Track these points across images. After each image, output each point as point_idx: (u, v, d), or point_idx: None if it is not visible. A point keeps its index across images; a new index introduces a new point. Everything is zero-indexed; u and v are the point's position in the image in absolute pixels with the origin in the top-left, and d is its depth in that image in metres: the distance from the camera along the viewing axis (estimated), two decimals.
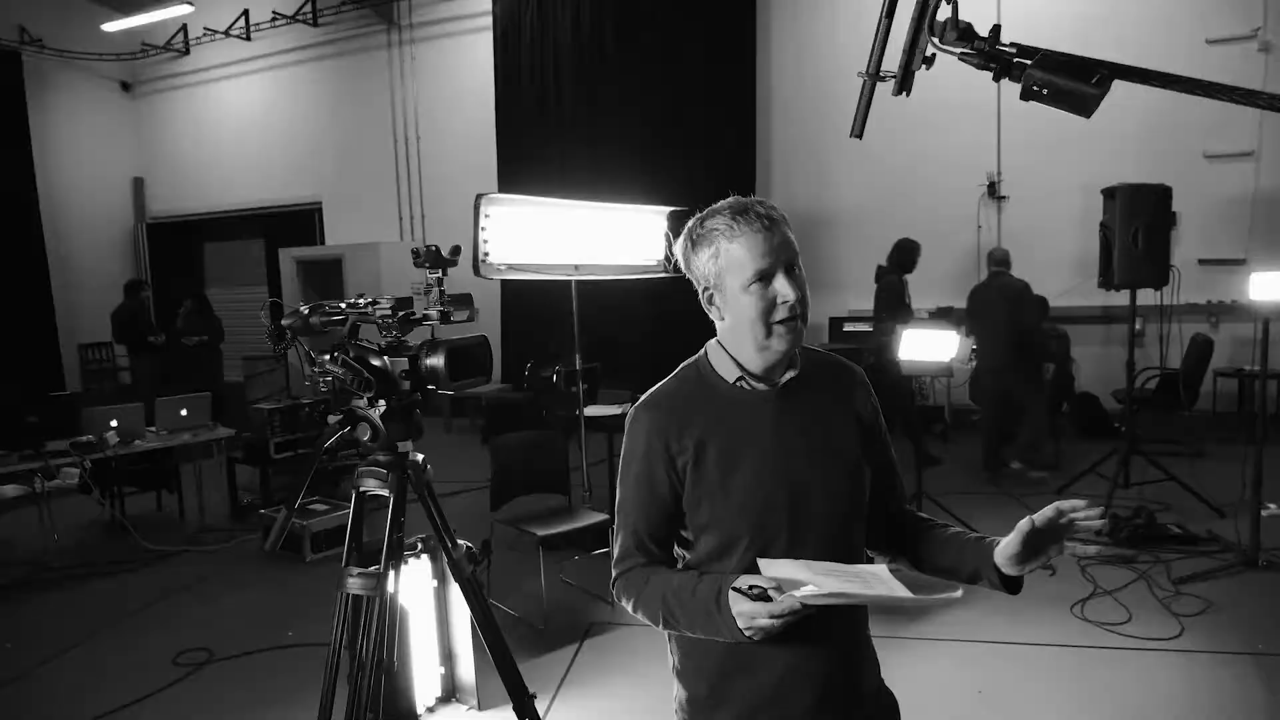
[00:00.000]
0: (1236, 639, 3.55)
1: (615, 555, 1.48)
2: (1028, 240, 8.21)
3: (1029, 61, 1.32)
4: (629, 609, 1.45)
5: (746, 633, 1.25)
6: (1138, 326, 6.06)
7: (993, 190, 8.26)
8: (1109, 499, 5.04)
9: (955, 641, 3.68)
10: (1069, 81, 1.30)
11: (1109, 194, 5.32)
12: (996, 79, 1.36)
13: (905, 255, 6.88)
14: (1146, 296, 5.50)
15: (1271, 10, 7.23)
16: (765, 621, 1.21)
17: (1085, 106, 1.31)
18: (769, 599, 1.22)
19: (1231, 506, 4.97)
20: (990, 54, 1.34)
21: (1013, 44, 1.35)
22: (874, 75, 1.45)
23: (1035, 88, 1.31)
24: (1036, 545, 1.29)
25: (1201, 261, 7.48)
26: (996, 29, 1.35)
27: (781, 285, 1.35)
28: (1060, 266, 7.86)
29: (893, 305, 6.82)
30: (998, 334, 6.05)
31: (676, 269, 1.49)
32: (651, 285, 7.24)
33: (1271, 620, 3.70)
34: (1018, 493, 5.83)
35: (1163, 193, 5.14)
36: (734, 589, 1.26)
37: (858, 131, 1.52)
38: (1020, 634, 3.71)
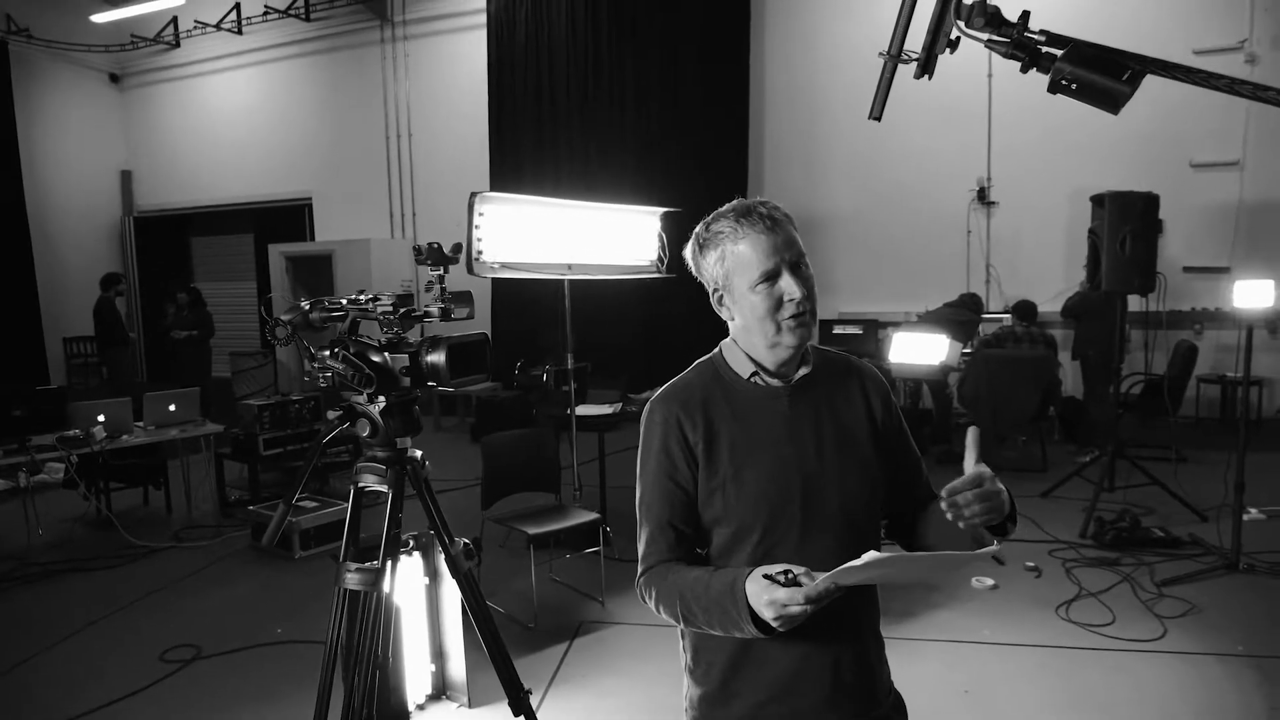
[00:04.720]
0: (1218, 640, 3.60)
1: (640, 553, 1.45)
2: (1015, 246, 8.30)
3: (1058, 52, 1.24)
4: (652, 608, 1.42)
5: (774, 622, 1.20)
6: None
7: (982, 196, 8.33)
8: (1094, 502, 5.10)
9: (942, 642, 3.71)
10: (1099, 77, 1.23)
11: (1098, 201, 5.37)
12: (1024, 70, 1.29)
13: None
14: (1133, 304, 5.52)
15: (1258, 22, 7.33)
16: (798, 609, 1.18)
17: (1115, 103, 1.24)
18: (800, 585, 1.19)
19: (1213, 511, 5.05)
20: (1018, 42, 1.27)
21: (1042, 31, 1.27)
22: (895, 57, 1.39)
23: (1064, 81, 1.24)
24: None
25: (1186, 269, 7.57)
26: (1025, 15, 1.28)
27: (788, 284, 1.36)
28: (1047, 273, 7.94)
29: None
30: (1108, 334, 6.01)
31: (670, 270, 1.49)
32: (643, 286, 7.26)
33: (1251, 622, 3.76)
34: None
35: (1150, 200, 5.20)
36: (766, 576, 1.22)
37: (877, 114, 1.45)
38: (1006, 634, 3.75)
